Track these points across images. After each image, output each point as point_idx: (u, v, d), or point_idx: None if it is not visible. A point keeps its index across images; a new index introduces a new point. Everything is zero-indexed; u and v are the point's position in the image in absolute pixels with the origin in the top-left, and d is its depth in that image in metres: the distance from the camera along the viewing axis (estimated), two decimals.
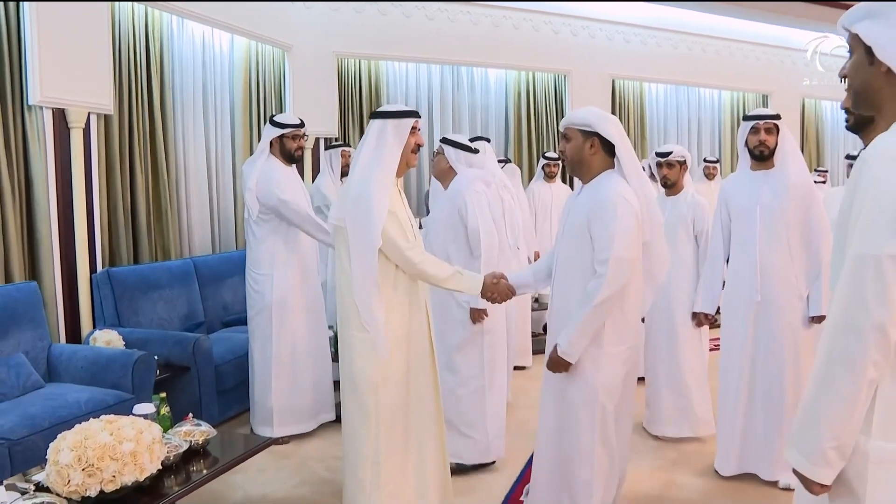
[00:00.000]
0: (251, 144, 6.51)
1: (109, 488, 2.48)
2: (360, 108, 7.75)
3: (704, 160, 8.40)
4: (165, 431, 2.99)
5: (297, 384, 4.53)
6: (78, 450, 2.46)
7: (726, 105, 10.31)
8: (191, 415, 3.21)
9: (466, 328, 4.03)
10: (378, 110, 3.12)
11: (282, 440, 4.46)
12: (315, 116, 7.05)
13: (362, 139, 3.09)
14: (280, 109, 6.92)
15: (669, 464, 4.21)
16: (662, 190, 4.71)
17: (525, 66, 8.59)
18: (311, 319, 4.61)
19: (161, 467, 2.71)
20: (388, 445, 3.01)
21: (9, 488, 2.57)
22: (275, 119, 4.58)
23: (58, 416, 3.58)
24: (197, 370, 4.55)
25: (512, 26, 8.36)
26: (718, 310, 4.16)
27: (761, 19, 9.61)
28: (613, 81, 9.13)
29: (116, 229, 5.12)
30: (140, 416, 2.87)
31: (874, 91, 1.69)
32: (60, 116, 4.53)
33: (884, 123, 1.67)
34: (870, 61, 1.66)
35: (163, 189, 5.53)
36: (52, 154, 4.48)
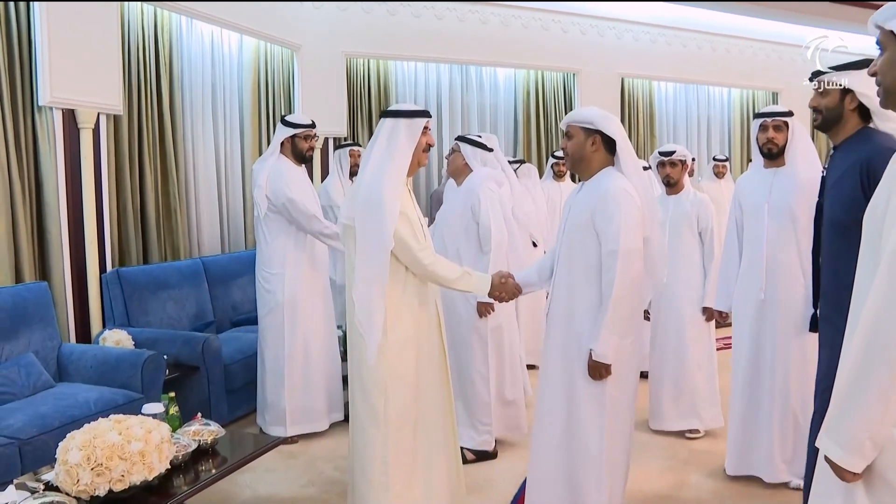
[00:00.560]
0: (260, 144, 6.52)
1: (118, 488, 2.48)
2: (369, 108, 7.75)
3: (714, 158, 8.36)
4: (174, 431, 2.99)
5: (310, 383, 4.53)
6: (87, 449, 2.46)
7: (735, 103, 10.26)
8: (200, 414, 3.21)
9: (470, 326, 4.15)
10: (389, 109, 3.11)
11: (291, 440, 4.46)
12: (324, 116, 7.05)
13: (372, 138, 3.07)
14: (289, 110, 6.92)
15: (680, 464, 4.19)
16: (663, 189, 4.72)
17: (534, 66, 8.57)
18: (322, 318, 4.62)
19: (170, 467, 2.71)
20: (398, 445, 3.00)
21: (19, 487, 2.57)
22: (287, 119, 4.59)
23: (68, 416, 3.59)
24: (206, 370, 4.56)
25: (521, 25, 8.35)
26: None
27: (770, 17, 9.56)
28: (623, 80, 9.11)
29: (126, 229, 5.13)
30: (149, 416, 2.88)
31: None
32: (70, 117, 4.54)
33: None
34: None
35: (172, 189, 5.55)
36: (62, 154, 4.50)
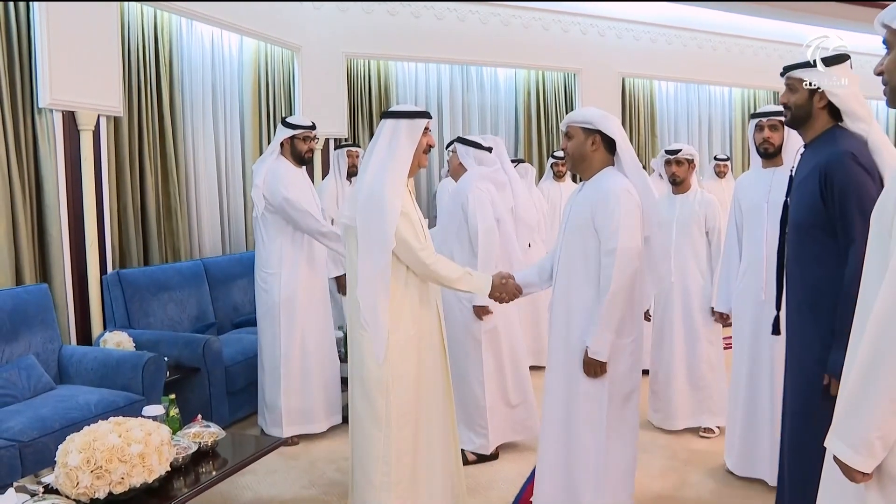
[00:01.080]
0: (261, 145, 6.52)
1: (118, 490, 2.48)
2: (370, 109, 7.75)
3: (715, 158, 8.34)
4: (174, 433, 2.99)
5: (307, 384, 4.52)
6: (86, 452, 2.46)
7: (737, 102, 10.26)
8: (200, 416, 3.21)
9: (465, 329, 4.17)
10: (390, 110, 3.11)
11: (291, 441, 4.46)
12: (324, 117, 7.06)
13: (373, 139, 3.08)
14: (289, 111, 6.93)
15: (681, 463, 4.18)
16: (669, 189, 4.71)
17: (534, 66, 8.57)
18: (320, 319, 4.62)
19: (170, 469, 2.71)
20: (399, 446, 2.99)
21: (19, 490, 2.58)
22: (287, 120, 4.60)
23: (68, 418, 3.59)
24: (207, 371, 4.55)
25: (521, 25, 8.35)
26: None
27: (771, 16, 9.55)
28: (623, 80, 9.10)
29: (126, 231, 5.13)
30: (149, 418, 2.88)
31: None
32: (70, 119, 4.54)
33: None
34: None
35: (173, 190, 5.55)
36: (63, 156, 4.50)
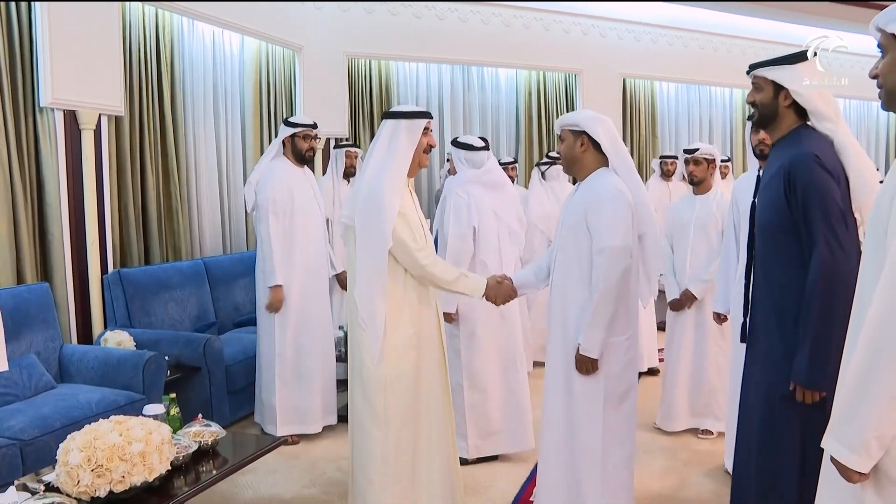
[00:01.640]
0: (262, 145, 6.52)
1: (119, 489, 2.48)
2: (371, 109, 7.75)
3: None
4: (175, 432, 3.00)
5: (302, 384, 4.53)
6: (87, 450, 2.47)
7: (738, 103, 10.25)
8: (201, 415, 3.22)
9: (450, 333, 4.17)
10: (391, 110, 3.13)
11: (291, 440, 4.46)
12: (325, 117, 7.05)
13: (374, 139, 3.09)
14: (291, 110, 6.93)
15: (681, 464, 4.19)
16: (690, 189, 4.71)
17: (535, 66, 8.57)
18: (317, 319, 4.61)
19: (170, 468, 2.72)
20: (398, 445, 3.01)
21: (20, 488, 2.58)
22: (288, 119, 4.64)
23: (69, 417, 3.60)
24: (208, 371, 4.56)
25: (522, 26, 8.35)
26: None
27: (772, 17, 9.55)
28: (624, 80, 9.10)
29: (127, 230, 5.14)
30: (150, 417, 2.88)
31: None
32: (71, 118, 4.55)
33: None
34: None
35: (174, 190, 5.56)
36: (64, 155, 4.50)
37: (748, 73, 2.73)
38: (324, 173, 7.05)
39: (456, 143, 4.38)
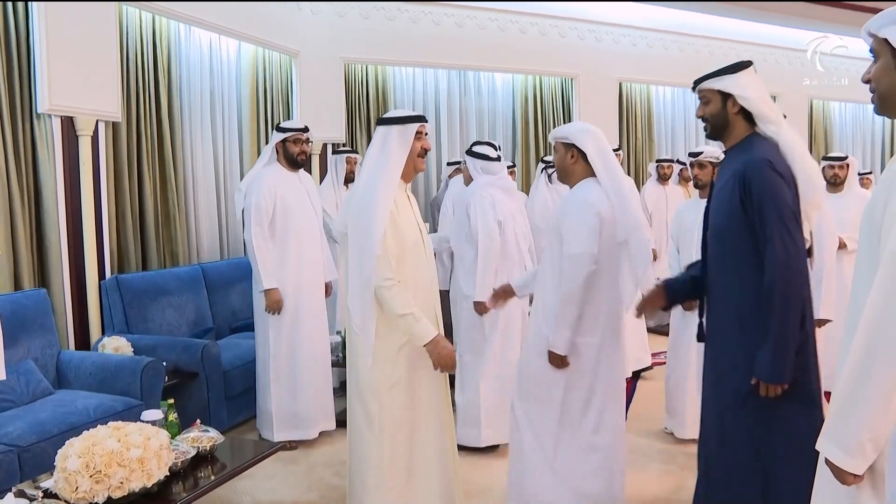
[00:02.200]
0: (259, 150, 6.51)
1: (117, 495, 2.49)
2: (368, 114, 7.75)
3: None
4: (173, 438, 3.00)
5: (297, 389, 4.52)
6: (85, 456, 2.48)
7: None
8: (199, 421, 3.23)
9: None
10: (383, 116, 3.14)
11: (289, 445, 4.46)
12: (322, 122, 7.07)
13: (369, 146, 3.11)
14: (287, 115, 6.94)
15: (678, 468, 4.19)
16: (696, 193, 4.73)
17: (532, 71, 8.59)
18: (313, 324, 4.60)
19: (169, 473, 2.72)
20: (393, 450, 3.01)
21: (18, 495, 2.58)
22: (279, 125, 4.64)
23: (67, 423, 3.59)
24: (205, 376, 4.56)
25: (518, 31, 8.36)
26: None
27: (767, 21, 9.59)
28: (620, 85, 9.12)
29: (125, 236, 5.14)
30: (148, 423, 2.89)
31: None
32: (69, 124, 4.56)
33: None
34: None
35: (171, 195, 5.56)
36: (61, 161, 4.51)
37: (693, 90, 2.87)
38: (321, 178, 7.07)
39: (472, 153, 4.58)
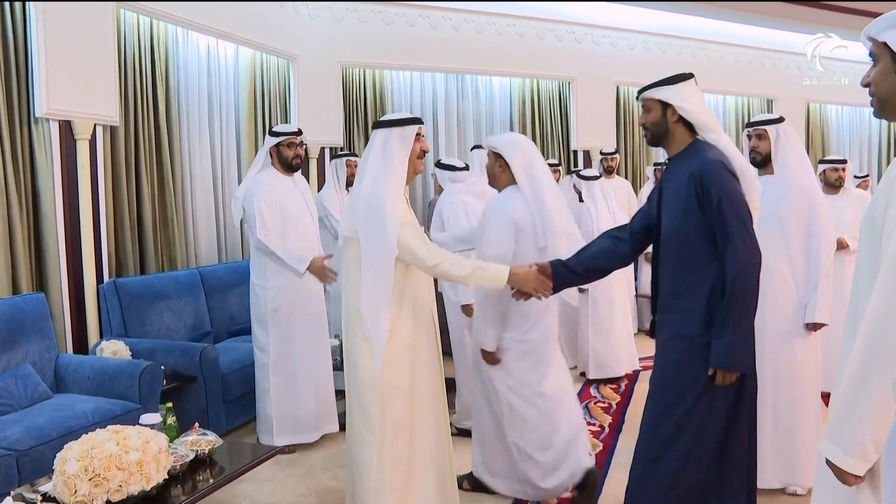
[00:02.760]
0: (256, 155, 6.52)
1: (116, 498, 2.49)
2: (365, 118, 7.76)
3: None
4: (172, 441, 3.00)
5: (297, 393, 4.50)
6: (84, 460, 2.48)
7: (731, 110, 10.30)
8: (197, 424, 3.23)
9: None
10: (381, 119, 3.14)
11: (288, 449, 4.45)
12: (320, 126, 7.09)
13: (366, 150, 3.11)
14: (285, 119, 6.94)
15: None
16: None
17: (529, 74, 8.60)
18: (311, 329, 4.58)
19: (167, 477, 2.72)
20: (394, 453, 3.01)
21: (16, 499, 2.58)
22: (273, 129, 4.62)
23: (65, 427, 3.59)
24: (203, 380, 4.56)
25: (516, 34, 8.38)
26: None
27: (765, 24, 9.61)
28: (618, 88, 9.13)
29: (123, 240, 5.14)
30: (146, 426, 2.89)
31: None
32: (67, 128, 4.56)
33: None
34: None
35: (169, 199, 5.56)
36: (59, 166, 4.51)
37: (637, 99, 2.99)
38: (319, 182, 7.08)
39: (440, 165, 4.99)
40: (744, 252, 2.64)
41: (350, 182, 5.98)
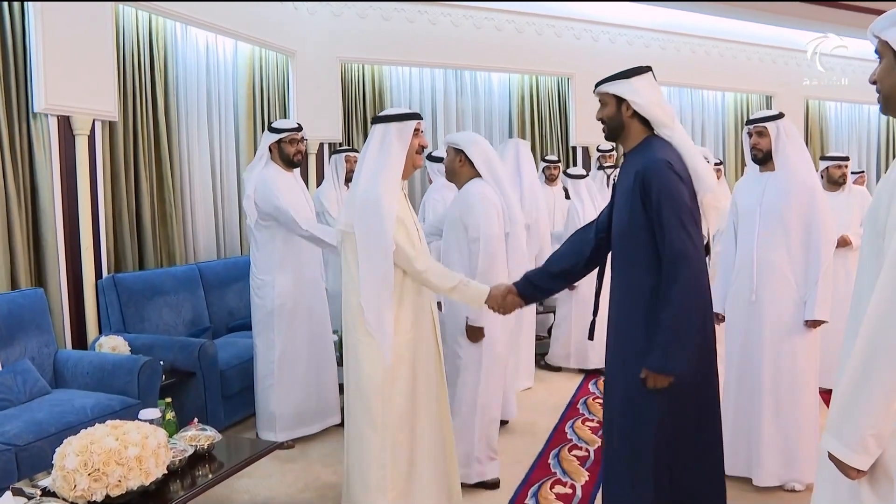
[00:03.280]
0: (255, 150, 6.48)
1: (115, 493, 2.49)
2: (364, 113, 7.76)
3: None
4: (171, 436, 3.00)
5: (301, 389, 4.52)
6: (84, 455, 2.47)
7: (730, 107, 10.30)
8: (196, 419, 3.22)
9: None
10: (380, 114, 3.15)
11: (287, 444, 4.46)
12: (319, 122, 7.08)
13: (365, 144, 3.11)
14: (284, 115, 6.93)
15: None
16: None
17: (528, 70, 8.60)
18: (314, 324, 4.61)
19: (166, 472, 2.72)
20: (395, 449, 3.02)
21: (15, 493, 2.58)
22: (272, 125, 4.59)
23: (64, 422, 3.59)
24: (202, 375, 4.56)
25: (515, 30, 8.38)
26: None
27: (763, 20, 9.61)
28: None
29: (122, 235, 5.14)
30: (146, 421, 2.89)
31: None
32: (65, 124, 4.56)
33: None
34: None
35: (167, 195, 5.56)
36: (58, 161, 4.51)
37: (594, 92, 2.97)
38: (318, 178, 7.07)
39: (431, 158, 5.33)
40: (681, 252, 2.59)
41: (349, 178, 5.97)
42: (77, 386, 4.15)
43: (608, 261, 3.06)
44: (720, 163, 8.38)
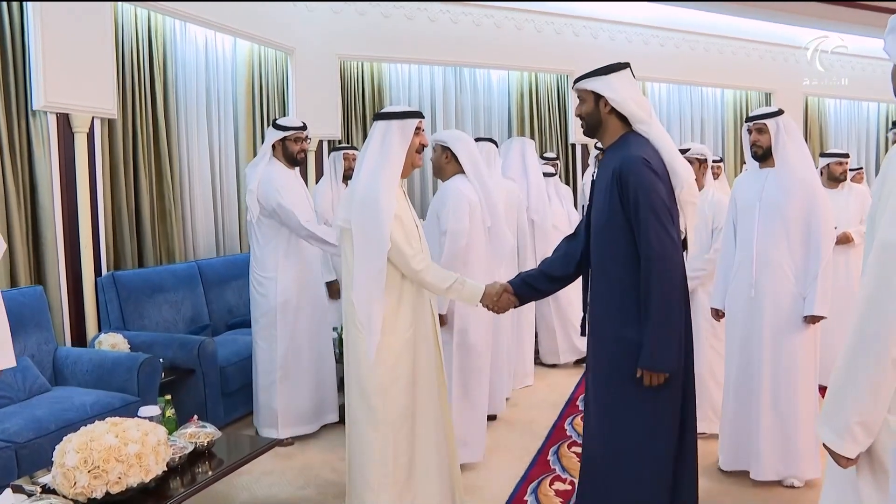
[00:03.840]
0: (254, 147, 6.53)
1: (115, 490, 2.49)
2: (363, 111, 7.76)
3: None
4: (171, 433, 3.00)
5: (301, 386, 4.53)
6: (83, 452, 2.47)
7: (729, 104, 10.29)
8: (196, 417, 3.23)
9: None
10: (381, 111, 3.15)
11: (286, 441, 4.46)
12: (318, 119, 7.07)
13: (366, 141, 3.11)
14: (283, 112, 6.93)
15: None
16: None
17: (527, 67, 8.59)
18: (315, 321, 4.61)
19: (166, 469, 2.72)
20: (397, 446, 3.02)
21: (15, 490, 2.59)
22: (276, 122, 4.59)
23: (64, 419, 3.60)
24: (202, 372, 4.56)
25: (514, 27, 8.37)
26: None
27: (763, 17, 9.60)
28: None
29: (121, 233, 5.14)
30: (145, 419, 2.89)
31: None
32: (64, 121, 4.55)
33: None
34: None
35: (167, 192, 5.56)
36: (57, 159, 4.51)
37: (573, 88, 2.98)
38: (317, 175, 7.07)
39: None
40: (658, 249, 2.61)
41: (347, 175, 5.97)
42: (77, 383, 4.15)
43: None
44: (720, 160, 8.38)
